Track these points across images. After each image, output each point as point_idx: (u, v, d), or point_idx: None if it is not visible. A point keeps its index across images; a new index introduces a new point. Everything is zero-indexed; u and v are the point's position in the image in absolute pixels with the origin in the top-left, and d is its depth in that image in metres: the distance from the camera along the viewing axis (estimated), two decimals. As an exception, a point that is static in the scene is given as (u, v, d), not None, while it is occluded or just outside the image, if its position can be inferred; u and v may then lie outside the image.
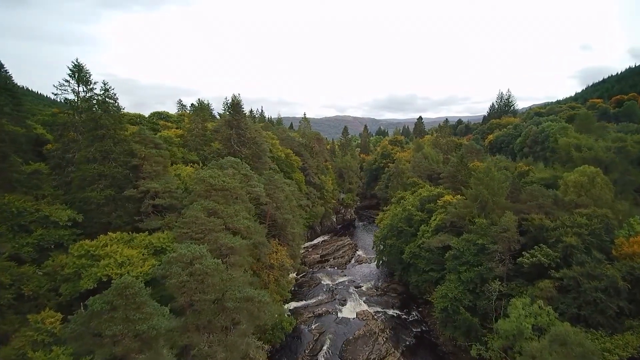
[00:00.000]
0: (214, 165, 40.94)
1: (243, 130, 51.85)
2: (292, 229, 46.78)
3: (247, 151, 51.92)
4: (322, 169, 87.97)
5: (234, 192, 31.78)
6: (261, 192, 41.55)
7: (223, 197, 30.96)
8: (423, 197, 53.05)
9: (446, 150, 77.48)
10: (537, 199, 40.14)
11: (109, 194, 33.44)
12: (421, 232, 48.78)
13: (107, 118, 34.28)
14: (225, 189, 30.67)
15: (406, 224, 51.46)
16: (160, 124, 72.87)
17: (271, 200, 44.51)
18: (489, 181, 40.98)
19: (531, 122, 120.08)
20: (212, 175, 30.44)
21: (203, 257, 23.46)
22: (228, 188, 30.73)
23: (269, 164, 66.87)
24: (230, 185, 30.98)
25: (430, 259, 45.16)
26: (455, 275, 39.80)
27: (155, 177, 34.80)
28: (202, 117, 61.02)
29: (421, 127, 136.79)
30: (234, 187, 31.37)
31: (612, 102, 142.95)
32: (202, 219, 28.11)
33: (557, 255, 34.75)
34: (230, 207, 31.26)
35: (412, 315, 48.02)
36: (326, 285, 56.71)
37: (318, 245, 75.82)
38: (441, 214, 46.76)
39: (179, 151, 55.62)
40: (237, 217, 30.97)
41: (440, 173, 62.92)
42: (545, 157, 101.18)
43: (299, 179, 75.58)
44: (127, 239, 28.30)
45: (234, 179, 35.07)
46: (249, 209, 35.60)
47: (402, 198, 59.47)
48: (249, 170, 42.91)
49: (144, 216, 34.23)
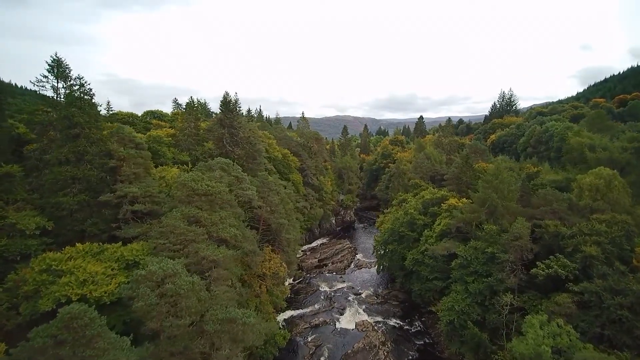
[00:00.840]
0: (202, 167, 37.48)
1: (236, 129, 48.34)
2: (287, 235, 43.30)
3: (240, 151, 48.43)
4: (320, 170, 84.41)
5: (220, 197, 28.27)
6: (253, 195, 38.06)
7: (207, 203, 27.48)
8: (426, 200, 49.48)
9: (449, 150, 73.81)
10: (551, 204, 36.53)
11: (82, 199, 29.99)
12: (424, 237, 45.24)
13: (81, 116, 30.79)
14: (210, 194, 27.18)
15: (408, 229, 47.91)
16: (153, 123, 69.59)
17: (264, 204, 41.02)
18: (499, 184, 37.39)
19: (534, 121, 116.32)
20: (194, 178, 26.95)
21: (176, 275, 19.97)
22: (213, 193, 27.24)
23: (265, 165, 63.39)
24: (216, 189, 27.49)
25: (435, 266, 41.62)
26: (462, 286, 36.26)
27: (134, 181, 31.33)
28: (195, 116, 57.49)
29: (422, 126, 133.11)
30: (220, 192, 27.87)
31: (615, 101, 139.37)
32: (182, 229, 24.64)
33: (575, 267, 31.18)
34: (216, 213, 27.76)
35: (414, 326, 44.49)
36: (324, 292, 53.23)
37: (316, 248, 72.32)
38: (446, 219, 43.19)
39: (169, 151, 52.21)
40: (223, 224, 27.47)
41: (444, 174, 59.31)
42: (549, 157, 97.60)
43: (297, 180, 72.07)
44: (96, 251, 24.84)
45: (221, 182, 31.57)
46: (238, 214, 32.10)
47: (404, 201, 55.90)
48: (240, 172, 39.44)
49: (122, 223, 30.76)
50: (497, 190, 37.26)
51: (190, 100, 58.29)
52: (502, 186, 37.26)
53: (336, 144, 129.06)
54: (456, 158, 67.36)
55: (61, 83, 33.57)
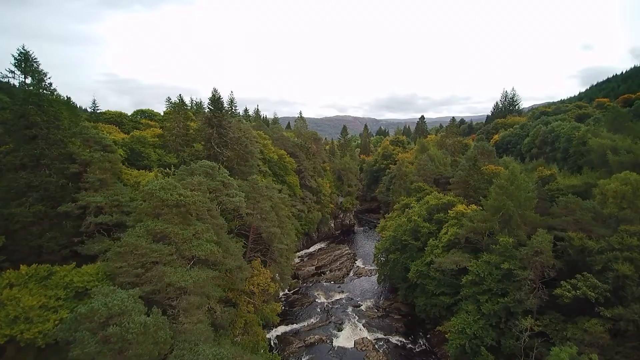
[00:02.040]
0: (183, 172, 33.02)
1: (225, 129, 43.82)
2: (280, 244, 38.77)
3: (230, 153, 43.93)
4: (319, 171, 79.84)
5: (196, 208, 23.76)
6: (241, 202, 33.56)
7: (179, 216, 22.98)
8: (431, 206, 44.88)
9: (453, 151, 69.15)
10: (574, 213, 31.90)
11: (39, 209, 25.46)
12: (429, 247, 40.68)
13: (39, 114, 26.30)
14: (182, 205, 22.68)
15: (412, 237, 43.33)
16: (143, 122, 65.18)
17: (254, 212, 36.53)
18: (515, 190, 32.78)
19: (539, 121, 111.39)
20: (164, 187, 22.45)
21: (125, 313, 15.47)
22: (187, 203, 22.74)
23: (259, 167, 58.93)
24: (190, 199, 22.98)
25: (442, 280, 37.09)
26: (474, 305, 31.70)
27: (100, 188, 26.86)
28: (184, 115, 53.06)
29: (423, 126, 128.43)
30: (196, 202, 23.35)
31: (620, 101, 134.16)
32: (144, 248, 20.14)
33: (607, 288, 26.59)
34: (190, 227, 23.25)
35: (418, 344, 39.91)
36: (321, 304, 48.71)
37: (314, 254, 67.80)
38: (453, 227, 38.61)
39: (154, 153, 47.79)
40: (198, 240, 22.96)
41: (449, 177, 54.71)
42: (555, 158, 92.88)
43: (293, 182, 67.59)
44: (43, 275, 20.37)
45: (200, 189, 27.06)
46: (220, 226, 27.59)
47: (407, 206, 51.30)
48: (227, 177, 34.98)
49: (85, 238, 26.31)
50: (513, 197, 32.66)
51: (179, 98, 53.77)
52: (518, 193, 32.65)
53: (336, 144, 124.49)
54: (461, 160, 62.73)
55: (29, 79, 29.36)
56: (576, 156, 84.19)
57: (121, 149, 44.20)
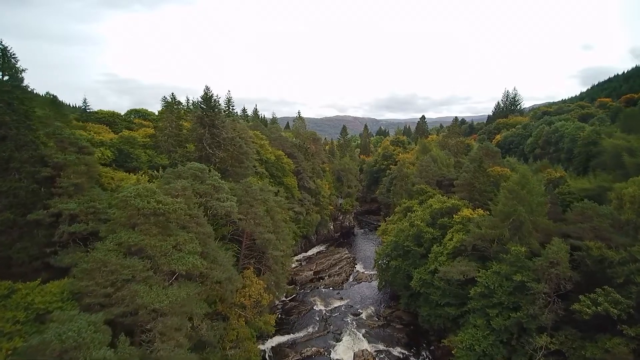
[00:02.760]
0: (169, 175, 30.51)
1: (218, 129, 41.26)
2: (275, 251, 36.24)
3: (223, 154, 41.35)
4: (318, 172, 77.24)
5: (177, 216, 21.22)
6: (232, 207, 31.04)
7: (158, 226, 20.44)
8: (434, 210, 42.30)
9: (455, 152, 66.53)
10: (591, 220, 29.31)
11: (7, 217, 23.00)
12: (433, 254, 38.10)
13: (8, 114, 23.79)
14: (161, 214, 20.16)
15: (414, 243, 40.75)
16: (136, 122, 62.68)
17: (247, 217, 34.03)
18: (526, 195, 30.20)
19: (542, 121, 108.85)
20: (139, 193, 19.92)
21: (81, 347, 12.94)
22: (167, 212, 20.22)
23: (255, 168, 56.38)
24: (171, 207, 20.46)
25: (447, 290, 34.50)
26: (483, 320, 29.13)
27: (75, 193, 24.34)
28: (177, 114, 50.51)
29: (424, 126, 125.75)
30: (177, 210, 20.83)
31: (622, 101, 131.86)
32: (114, 264, 17.61)
33: (630, 304, 24.03)
34: (170, 238, 20.73)
35: (422, 357, 37.40)
36: (319, 312, 46.17)
37: (312, 257, 65.28)
38: (459, 234, 36.04)
39: (144, 154, 45.28)
40: (179, 253, 20.42)
41: (452, 179, 52.16)
42: (559, 159, 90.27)
43: (291, 184, 65.01)
44: (3, 294, 17.83)
45: (184, 194, 24.51)
46: (207, 235, 25.05)
47: (409, 209, 48.74)
48: (218, 180, 32.43)
49: (59, 247, 23.81)
50: (524, 202, 30.07)
51: (172, 96, 51.17)
52: (530, 198, 30.07)
53: (335, 144, 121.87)
54: (464, 161, 60.17)
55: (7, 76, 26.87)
56: (581, 157, 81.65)
57: (108, 150, 41.81)
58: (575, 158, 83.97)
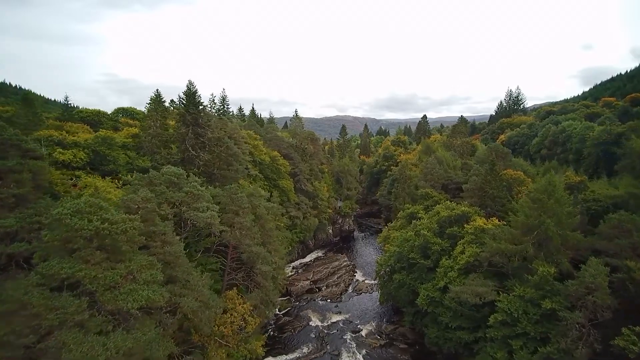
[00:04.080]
0: (139, 181, 25.93)
1: (203, 128, 36.67)
2: (265, 265, 31.63)
3: (208, 156, 36.74)
4: (316, 174, 72.60)
5: (130, 238, 16.66)
6: (212, 218, 26.46)
7: (103, 251, 15.88)
8: (442, 218, 37.70)
9: (461, 153, 61.84)
10: (630, 235, 24.70)
11: None
12: (442, 268, 33.52)
13: None
14: (106, 236, 15.60)
15: (420, 255, 36.12)
16: (122, 122, 58.16)
17: (231, 229, 29.48)
18: (554, 205, 25.55)
19: (548, 121, 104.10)
20: (79, 209, 15.38)
21: None
22: (113, 233, 15.69)
23: (248, 171, 51.80)
24: (120, 227, 15.90)
25: (459, 311, 29.87)
26: (504, 352, 24.50)
27: (16, 207, 19.80)
28: (162, 113, 45.93)
29: (425, 126, 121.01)
30: (129, 230, 16.28)
31: (627, 100, 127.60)
32: (37, 306, 13.02)
33: (689, 340, 19.46)
34: (120, 266, 16.15)
35: (429, 384, 32.88)
36: (315, 329, 41.57)
37: (310, 264, 60.67)
38: (472, 246, 31.44)
39: (124, 156, 40.72)
40: (130, 285, 15.84)
41: (460, 182, 47.52)
42: (567, 159, 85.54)
43: (287, 186, 60.41)
44: None
45: (146, 207, 19.92)
46: (175, 255, 20.47)
47: (413, 216, 44.08)
48: (198, 187, 27.81)
49: (-6, 272, 19.27)
50: (552, 213, 25.45)
51: (156, 94, 46.52)
52: (559, 209, 25.43)
53: (335, 144, 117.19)
54: (471, 163, 55.54)
55: None
56: (591, 158, 76.90)
57: (82, 151, 37.35)
58: (585, 159, 79.45)
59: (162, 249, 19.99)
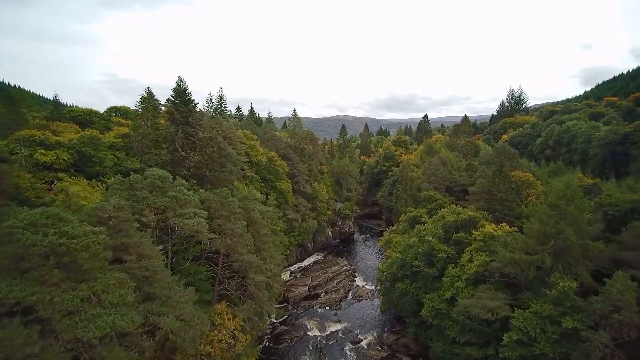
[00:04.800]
0: (118, 186, 23.54)
1: (193, 127, 34.27)
2: (258, 275, 29.21)
3: (199, 157, 34.33)
4: (315, 175, 70.16)
5: (94, 254, 14.25)
6: (200, 226, 24.09)
7: (63, 269, 13.50)
8: (448, 223, 35.31)
9: (465, 153, 59.37)
10: (659, 244, 22.32)
11: None
12: (449, 277, 31.14)
13: None
14: (63, 253, 13.21)
15: (425, 263, 33.70)
16: (114, 121, 55.80)
17: (221, 237, 27.10)
18: (574, 211, 23.14)
19: (552, 120, 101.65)
20: (34, 221, 12.96)
21: None
22: (72, 249, 13.30)
23: (243, 172, 49.44)
24: (81, 242, 13.52)
25: (467, 325, 27.47)
26: (520, 374, 22.14)
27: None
28: (153, 112, 43.54)
29: (427, 126, 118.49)
30: (92, 244, 13.90)
31: (631, 99, 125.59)
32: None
33: None
34: (82, 286, 13.77)
35: (434, 401, 30.47)
36: (313, 339, 39.18)
37: (308, 269, 58.28)
38: (482, 255, 29.04)
39: (111, 157, 38.40)
40: (93, 310, 13.45)
41: (465, 184, 45.15)
42: (572, 160, 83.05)
43: (285, 188, 58.03)
44: None
45: (117, 216, 17.49)
46: (151, 271, 18.07)
47: (416, 220, 41.68)
48: (184, 191, 25.41)
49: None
50: (571, 220, 23.03)
51: (147, 92, 44.11)
52: (579, 215, 23.02)
53: (334, 144, 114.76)
54: (476, 164, 53.12)
55: None
56: (598, 158, 74.41)
57: (66, 152, 35.07)
58: (590, 160, 76.98)
59: (138, 264, 17.60)
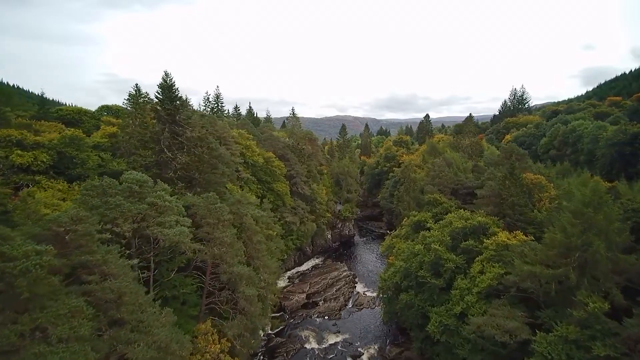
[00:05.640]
0: (89, 192, 20.79)
1: (181, 126, 31.54)
2: (249, 289, 26.46)
3: (186, 158, 31.57)
4: (314, 176, 67.43)
5: (36, 279, 11.55)
6: (182, 236, 21.36)
7: (4, 296, 10.84)
8: (455, 229, 32.56)
9: (471, 154, 56.60)
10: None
11: None
12: (458, 290, 28.36)
13: None
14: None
15: (431, 273, 30.93)
16: (103, 120, 53.08)
17: (207, 248, 24.38)
18: (602, 221, 20.37)
19: (556, 120, 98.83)
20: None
21: None
22: (8, 273, 10.61)
23: (238, 173, 46.72)
24: (20, 266, 10.83)
25: (479, 345, 24.73)
26: (542, 406, 19.37)
27: None
28: (142, 111, 40.80)
29: (428, 126, 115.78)
30: (35, 267, 11.20)
31: (634, 99, 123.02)
32: None
33: None
34: (23, 319, 11.06)
35: None
36: (310, 352, 36.43)
37: (307, 274, 55.54)
38: (495, 266, 26.29)
39: (95, 157, 35.66)
40: (38, 347, 10.75)
41: (472, 187, 42.37)
42: (578, 161, 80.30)
43: (283, 190, 55.29)
44: None
45: (75, 230, 14.75)
46: (118, 293, 15.34)
47: (420, 225, 38.92)
48: (165, 197, 22.68)
49: None
50: (599, 231, 20.27)
51: (136, 89, 41.33)
52: (608, 225, 20.25)
53: (334, 145, 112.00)
54: (482, 164, 50.33)
55: None
56: (605, 159, 71.60)
57: (44, 153, 32.38)
58: (598, 160, 74.17)
59: (102, 285, 14.88)
